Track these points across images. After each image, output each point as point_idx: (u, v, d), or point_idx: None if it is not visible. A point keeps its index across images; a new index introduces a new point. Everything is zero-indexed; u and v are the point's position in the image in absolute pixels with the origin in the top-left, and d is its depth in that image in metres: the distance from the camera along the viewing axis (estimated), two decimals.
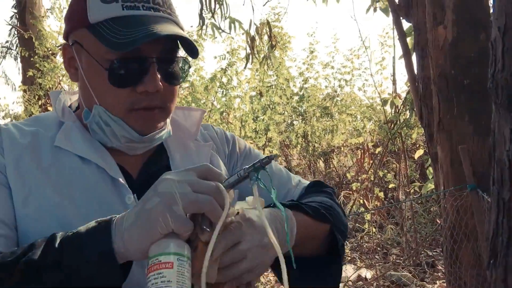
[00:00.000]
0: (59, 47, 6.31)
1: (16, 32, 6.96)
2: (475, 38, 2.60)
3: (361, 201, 5.68)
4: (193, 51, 0.94)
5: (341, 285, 4.32)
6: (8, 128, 0.98)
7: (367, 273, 4.41)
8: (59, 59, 6.60)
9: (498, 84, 1.06)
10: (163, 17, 0.94)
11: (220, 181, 0.75)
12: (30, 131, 0.98)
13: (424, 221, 5.47)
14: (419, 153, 4.09)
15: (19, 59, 6.96)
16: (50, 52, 6.49)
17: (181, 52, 0.99)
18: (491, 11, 1.29)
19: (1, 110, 6.52)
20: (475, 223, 2.64)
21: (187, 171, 0.75)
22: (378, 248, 5.10)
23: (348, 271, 4.37)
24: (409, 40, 3.78)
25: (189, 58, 1.00)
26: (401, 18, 3.78)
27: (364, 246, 5.22)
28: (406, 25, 3.89)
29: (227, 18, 4.12)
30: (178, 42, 0.95)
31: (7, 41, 7.13)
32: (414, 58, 3.57)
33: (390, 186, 6.22)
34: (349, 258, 4.89)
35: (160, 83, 0.91)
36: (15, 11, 6.91)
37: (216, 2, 4.01)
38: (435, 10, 2.57)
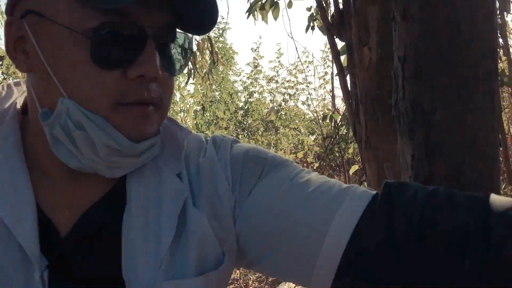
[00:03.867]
0: None
1: None
2: None
3: None
4: (210, 18, 0.65)
5: None
6: None
7: None
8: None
9: (400, 112, 1.09)
10: None
11: None
12: None
13: None
14: (354, 168, 4.19)
15: None
16: None
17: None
18: None
19: None
20: None
21: None
22: None
23: None
24: (344, 58, 3.88)
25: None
26: (334, 36, 3.87)
27: None
28: (341, 43, 3.99)
29: None
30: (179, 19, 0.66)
31: None
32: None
33: None
34: None
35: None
36: None
37: None
38: (360, 31, 2.65)
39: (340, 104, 6.87)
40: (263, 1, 4.11)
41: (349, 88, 3.73)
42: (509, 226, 0.59)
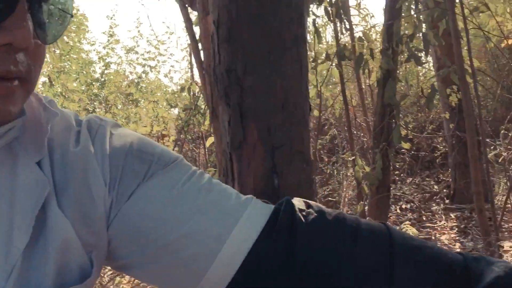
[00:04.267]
0: None
1: None
2: None
3: None
4: None
5: None
6: None
7: None
8: None
9: (217, 78, 1.08)
10: None
11: None
12: None
13: None
14: (210, 140, 4.21)
15: None
16: None
17: None
18: None
19: None
20: None
21: None
22: None
23: None
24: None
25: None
26: (186, 5, 3.80)
27: None
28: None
29: None
30: None
31: None
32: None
33: None
34: None
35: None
36: None
37: None
38: (204, 0, 2.63)
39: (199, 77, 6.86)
40: None
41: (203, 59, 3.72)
42: (412, 267, 0.58)
